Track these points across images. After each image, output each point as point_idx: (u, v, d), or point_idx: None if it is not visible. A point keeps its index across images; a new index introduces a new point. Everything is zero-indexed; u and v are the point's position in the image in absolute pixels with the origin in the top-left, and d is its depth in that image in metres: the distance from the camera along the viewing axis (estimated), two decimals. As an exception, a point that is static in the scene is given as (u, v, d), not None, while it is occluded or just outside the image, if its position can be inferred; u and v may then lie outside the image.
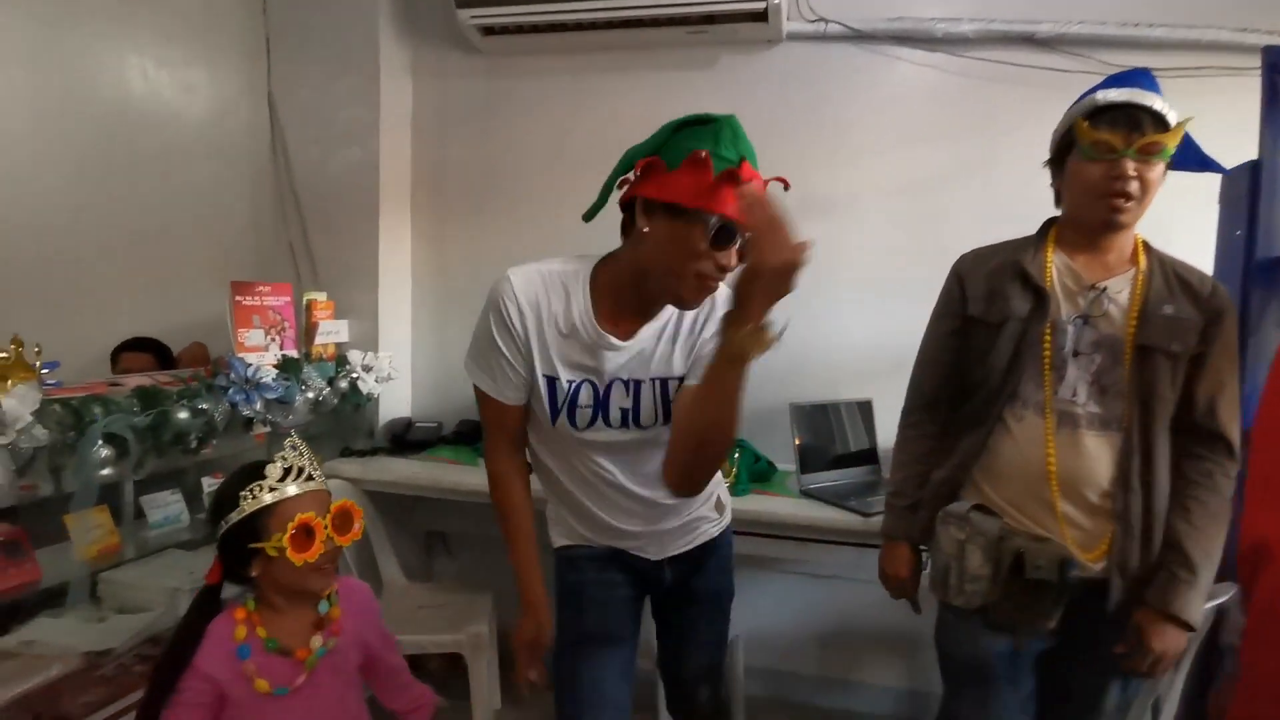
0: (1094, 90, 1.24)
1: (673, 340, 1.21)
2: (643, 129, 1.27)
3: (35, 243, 2.78)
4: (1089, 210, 1.22)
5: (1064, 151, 1.26)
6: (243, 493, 1.10)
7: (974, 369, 1.31)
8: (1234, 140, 1.68)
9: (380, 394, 2.39)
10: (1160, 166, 1.19)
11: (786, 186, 1.10)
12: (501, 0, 2.21)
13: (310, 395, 2.09)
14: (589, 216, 1.16)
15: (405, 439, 2.42)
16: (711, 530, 1.41)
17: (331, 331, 2.34)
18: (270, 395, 1.90)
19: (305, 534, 1.09)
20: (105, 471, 1.51)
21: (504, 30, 2.31)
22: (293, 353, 2.17)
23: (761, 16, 2.15)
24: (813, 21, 2.26)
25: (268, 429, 2.14)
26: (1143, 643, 1.19)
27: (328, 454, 2.31)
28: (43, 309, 2.62)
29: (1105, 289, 1.24)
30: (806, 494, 2.04)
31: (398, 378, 2.45)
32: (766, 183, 1.09)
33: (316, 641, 1.13)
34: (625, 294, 1.16)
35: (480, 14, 2.24)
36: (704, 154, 1.03)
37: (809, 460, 2.11)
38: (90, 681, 1.55)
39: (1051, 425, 1.22)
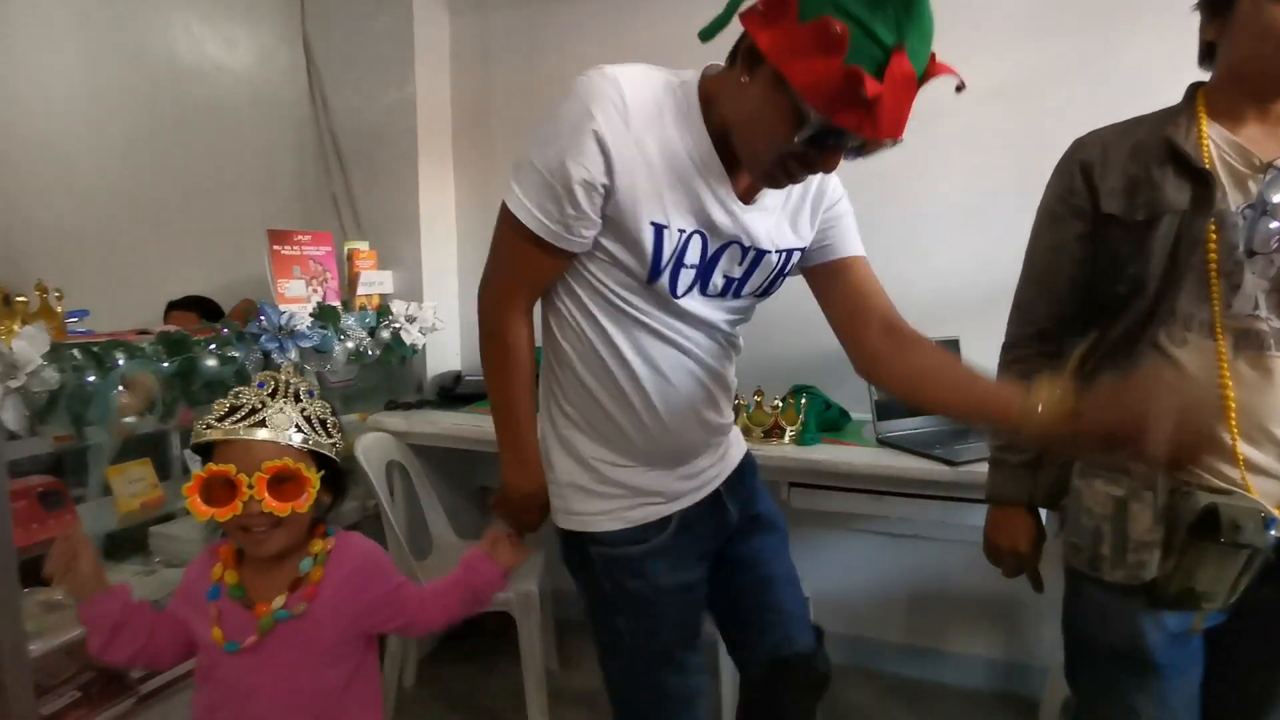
0: None
1: (797, 204, 1.00)
2: (695, 46, 1.05)
3: (96, 206, 2.82)
4: (1274, 62, 0.93)
5: None
6: (197, 422, 0.98)
7: (1110, 284, 1.04)
8: None
9: (426, 345, 2.30)
10: None
11: (960, 88, 0.82)
12: (534, -90, 2.01)
13: (350, 345, 2.00)
14: (707, 35, 0.86)
15: (454, 392, 2.33)
16: (735, 447, 1.19)
17: (374, 282, 2.25)
18: (305, 343, 1.82)
19: (223, 486, 0.94)
20: (129, 420, 1.45)
21: (540, -54, 2.12)
22: (335, 303, 2.09)
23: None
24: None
25: (314, 383, 2.09)
26: None
27: (374, 407, 2.24)
28: (106, 270, 2.65)
29: None
30: (884, 442, 1.81)
31: (444, 329, 2.35)
32: (931, 75, 0.80)
33: (279, 602, 0.99)
34: (723, 142, 0.89)
35: (513, -72, 2.06)
36: (840, 29, 0.72)
37: (886, 406, 1.88)
38: (132, 633, 1.52)
39: (1227, 348, 0.95)
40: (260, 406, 0.97)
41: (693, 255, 0.92)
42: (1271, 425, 0.94)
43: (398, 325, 2.16)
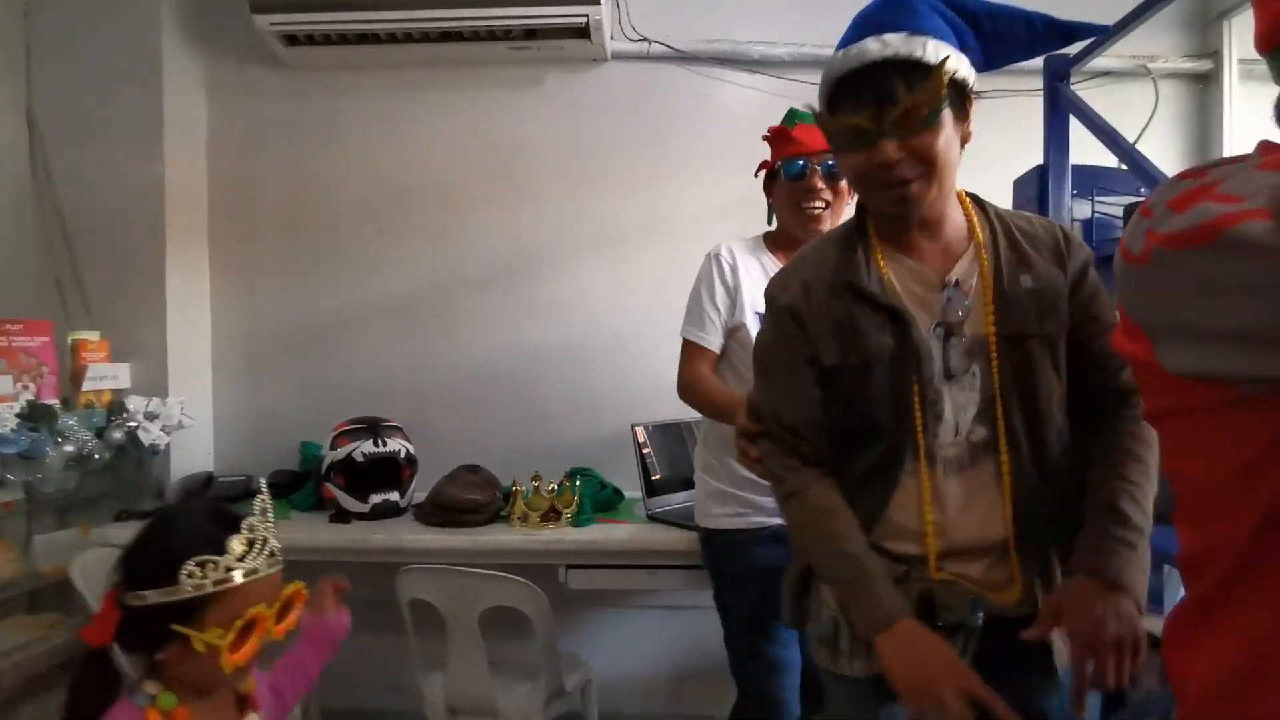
0: (841, 44, 0.93)
1: None
2: (472, 148, 1.29)
3: None
4: (875, 205, 0.97)
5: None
6: (187, 567, 0.85)
7: (844, 420, 0.98)
8: (1020, 156, 1.84)
9: (170, 445, 2.06)
10: (941, 133, 0.89)
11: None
12: (304, 6, 2.04)
13: (69, 449, 1.75)
14: (770, 219, 1.66)
15: (203, 497, 2.10)
16: None
17: (105, 376, 2.01)
18: (8, 449, 1.57)
19: (246, 630, 0.88)
20: None
21: (310, 40, 2.14)
22: (52, 401, 1.83)
23: (584, 33, 2.12)
24: (636, 41, 2.25)
25: (19, 495, 1.79)
26: (1094, 631, 0.84)
27: (100, 519, 1.95)
28: None
29: (957, 282, 0.94)
30: (653, 518, 1.93)
31: (193, 425, 2.13)
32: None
33: None
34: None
35: (280, 20, 2.06)
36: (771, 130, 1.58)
37: (658, 484, 2.01)
38: None
39: (941, 474, 0.94)
40: (267, 536, 0.92)
41: None
42: (975, 538, 0.93)
43: (134, 424, 1.93)
